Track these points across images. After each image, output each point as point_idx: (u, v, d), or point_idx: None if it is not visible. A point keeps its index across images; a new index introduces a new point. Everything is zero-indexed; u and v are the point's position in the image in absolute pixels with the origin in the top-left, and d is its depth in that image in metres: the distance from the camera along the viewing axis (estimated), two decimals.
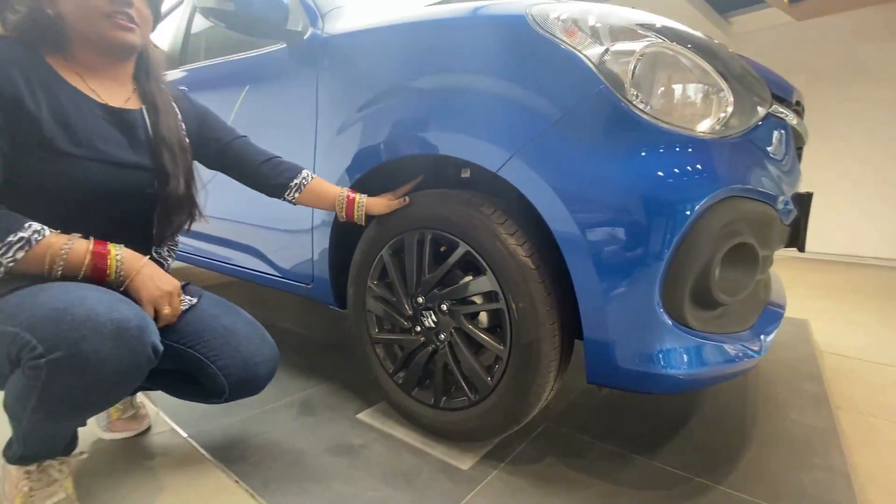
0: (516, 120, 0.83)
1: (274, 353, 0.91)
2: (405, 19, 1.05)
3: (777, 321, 0.99)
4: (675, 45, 0.79)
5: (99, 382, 0.59)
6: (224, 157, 0.97)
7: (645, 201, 0.73)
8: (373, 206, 1.00)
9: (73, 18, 0.71)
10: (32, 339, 0.56)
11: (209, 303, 0.90)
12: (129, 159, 0.76)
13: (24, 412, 0.60)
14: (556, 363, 0.86)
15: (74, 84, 0.74)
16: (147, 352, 0.63)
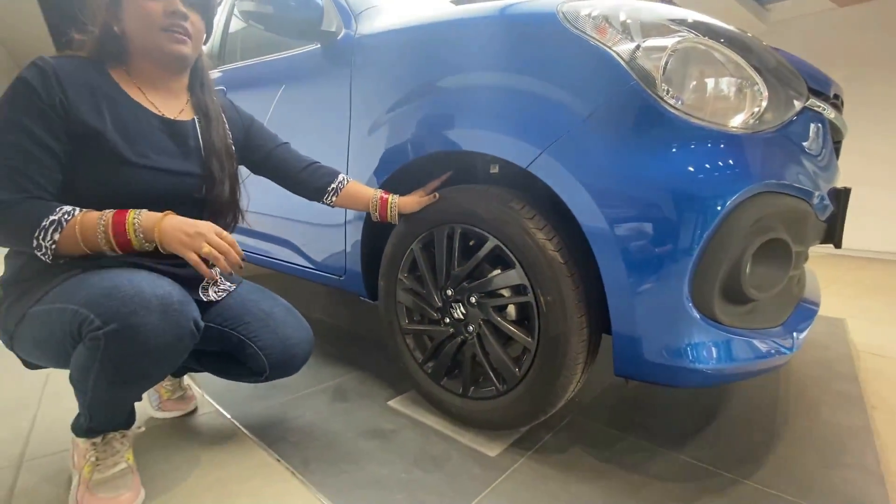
0: (547, 116, 0.84)
1: (309, 336, 0.96)
2: (436, 18, 1.07)
3: (810, 318, 0.98)
4: (708, 39, 0.79)
5: (149, 351, 0.65)
6: (267, 164, 1.02)
7: (676, 197, 0.74)
8: (404, 204, 1.04)
9: (134, 34, 0.77)
10: (90, 315, 0.62)
11: (248, 289, 0.97)
12: (180, 168, 0.82)
13: (88, 382, 0.67)
14: (583, 356, 0.88)
15: (135, 97, 0.80)
16: (189, 325, 0.69)
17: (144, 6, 0.75)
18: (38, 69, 0.70)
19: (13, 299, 0.72)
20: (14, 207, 0.66)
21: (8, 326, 0.72)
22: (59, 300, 0.66)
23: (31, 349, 0.72)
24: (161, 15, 0.75)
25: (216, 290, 0.90)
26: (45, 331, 0.68)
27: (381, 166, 1.14)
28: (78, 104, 0.71)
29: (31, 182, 0.68)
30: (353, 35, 1.23)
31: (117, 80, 0.79)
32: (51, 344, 0.68)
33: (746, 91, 0.79)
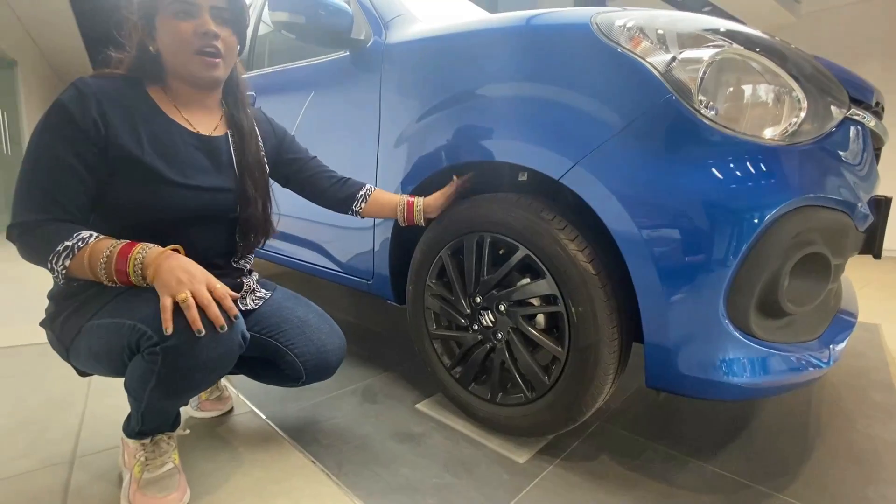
0: (580, 128, 0.84)
1: (342, 342, 0.99)
2: (467, 27, 1.08)
3: (848, 330, 0.96)
4: (745, 49, 0.78)
5: (202, 365, 0.68)
6: (296, 178, 1.05)
7: (713, 211, 0.73)
8: (430, 206, 1.06)
9: (167, 54, 0.79)
10: (148, 330, 0.66)
11: (282, 296, 1.00)
12: (214, 184, 0.84)
13: (145, 392, 0.70)
14: (614, 367, 0.88)
15: (171, 115, 0.82)
16: (238, 338, 0.72)
17: (176, 27, 0.76)
18: (77, 91, 0.72)
19: (67, 314, 0.75)
20: (36, 229, 0.69)
21: (65, 340, 0.76)
22: (116, 315, 0.70)
23: (88, 361, 0.75)
24: (192, 36, 0.76)
25: (253, 299, 0.93)
26: (102, 345, 0.71)
27: (411, 174, 1.16)
28: (116, 126, 0.74)
29: (57, 205, 0.70)
30: (383, 43, 1.24)
31: (154, 99, 0.81)
32: (108, 357, 0.72)
33: (785, 102, 0.78)
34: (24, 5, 5.17)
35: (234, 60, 0.88)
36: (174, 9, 0.75)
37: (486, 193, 1.05)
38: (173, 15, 0.76)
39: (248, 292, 0.93)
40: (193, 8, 0.76)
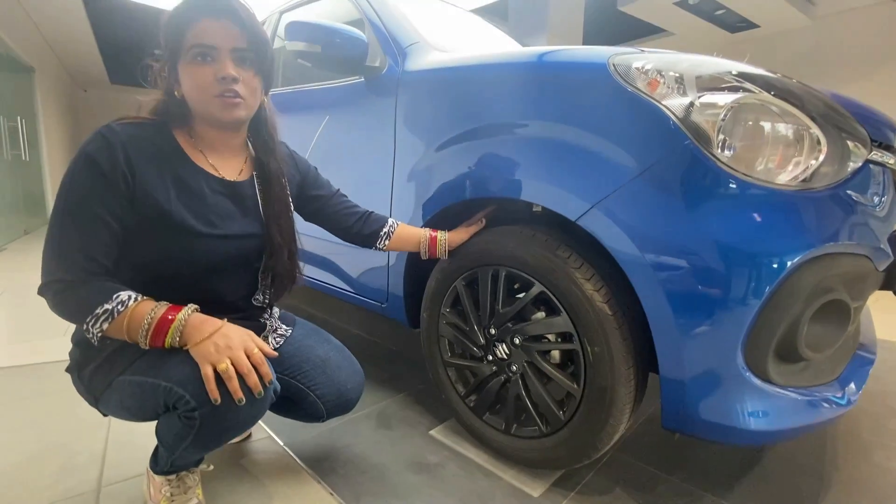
0: (598, 171, 0.85)
1: (361, 379, 1.01)
2: (484, 60, 1.08)
3: (867, 368, 0.96)
4: (765, 94, 0.78)
5: (236, 423, 0.71)
6: (319, 214, 1.06)
7: (731, 260, 0.73)
8: (454, 240, 1.07)
9: (190, 99, 0.78)
10: (186, 395, 0.67)
11: (302, 333, 1.01)
12: (240, 230, 0.83)
13: (179, 447, 0.72)
14: (630, 405, 0.89)
15: (197, 162, 0.81)
16: (270, 396, 0.73)
17: (196, 72, 0.75)
18: (105, 141, 0.71)
19: (96, 365, 0.76)
20: (73, 289, 0.68)
21: (94, 391, 0.77)
22: (150, 374, 0.71)
23: (118, 411, 0.77)
24: (213, 81, 0.75)
25: (275, 338, 0.94)
26: (135, 401, 0.73)
27: (426, 205, 1.17)
28: (143, 176, 0.73)
29: (91, 261, 0.70)
30: (399, 70, 1.25)
31: (181, 143, 0.80)
32: (141, 411, 0.74)
33: (806, 149, 0.77)
34: (42, 13, 5.26)
35: (258, 100, 0.85)
36: (194, 53, 0.74)
37: (501, 226, 1.06)
38: (194, 60, 0.75)
39: (271, 332, 0.94)
40: (214, 52, 0.75)
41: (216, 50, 0.75)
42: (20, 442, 1.14)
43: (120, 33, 6.04)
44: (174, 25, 0.75)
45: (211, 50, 0.75)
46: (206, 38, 0.74)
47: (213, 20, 0.75)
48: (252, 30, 0.78)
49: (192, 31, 0.74)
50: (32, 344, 1.81)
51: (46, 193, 5.94)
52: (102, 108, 9.85)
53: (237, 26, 0.76)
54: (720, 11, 4.94)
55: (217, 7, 0.75)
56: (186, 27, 0.74)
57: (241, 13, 0.76)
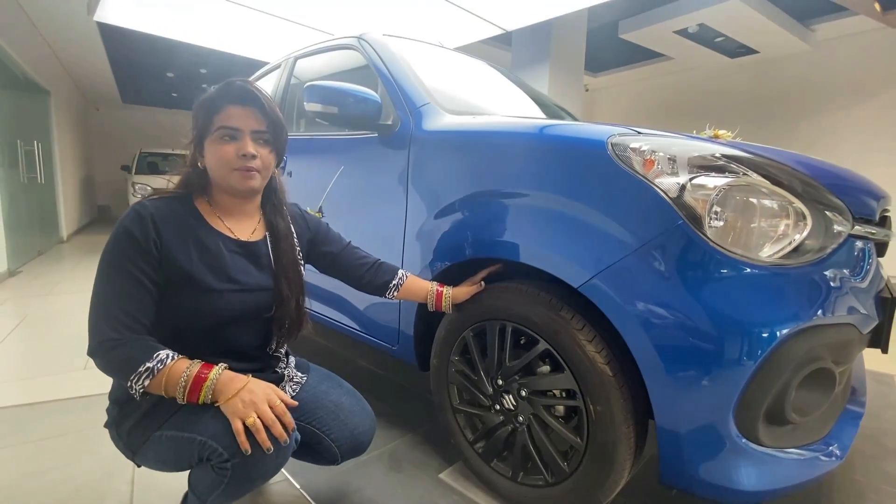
0: (599, 244, 0.91)
1: (373, 423, 1.08)
2: (491, 126, 1.16)
3: (856, 423, 1.01)
4: (755, 176, 0.84)
5: (264, 472, 0.78)
6: (332, 267, 1.14)
7: (724, 333, 0.79)
8: (458, 296, 1.14)
9: (213, 170, 0.90)
10: (219, 448, 0.74)
11: (317, 379, 1.08)
12: (254, 283, 0.93)
13: (211, 495, 0.79)
14: (630, 461, 0.94)
15: (215, 226, 0.92)
16: (293, 445, 0.81)
17: (221, 149, 0.87)
18: (138, 215, 0.82)
19: (134, 421, 0.84)
20: (119, 349, 0.76)
21: (132, 446, 0.84)
22: (185, 429, 0.78)
23: (155, 464, 0.84)
24: (234, 157, 0.87)
25: (291, 386, 1.01)
26: (171, 454, 0.80)
27: (435, 260, 1.23)
28: (170, 245, 0.83)
29: (133, 320, 0.78)
30: (411, 129, 1.33)
31: (201, 211, 0.91)
32: (176, 464, 0.81)
33: (791, 225, 0.84)
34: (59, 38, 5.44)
35: (271, 172, 0.97)
36: (221, 133, 0.87)
37: (509, 282, 1.12)
38: (220, 138, 0.87)
39: (288, 381, 1.01)
40: (237, 133, 0.87)
41: (239, 131, 0.88)
42: (48, 485, 1.19)
43: (133, 56, 6.23)
44: (206, 108, 0.88)
45: (235, 131, 0.88)
46: (232, 121, 0.87)
47: (239, 107, 0.88)
48: (271, 116, 0.90)
49: (220, 115, 0.87)
50: (53, 378, 1.87)
51: (60, 215, 6.07)
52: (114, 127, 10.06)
53: (259, 112, 0.89)
54: (719, 38, 5.05)
55: (243, 96, 0.88)
56: (216, 111, 0.87)
57: (262, 102, 0.89)
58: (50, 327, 2.57)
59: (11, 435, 1.43)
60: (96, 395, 1.68)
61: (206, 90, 0.89)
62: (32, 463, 1.29)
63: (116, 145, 9.86)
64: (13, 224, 3.98)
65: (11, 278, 3.76)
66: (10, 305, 2.97)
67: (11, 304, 3.01)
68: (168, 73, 7.34)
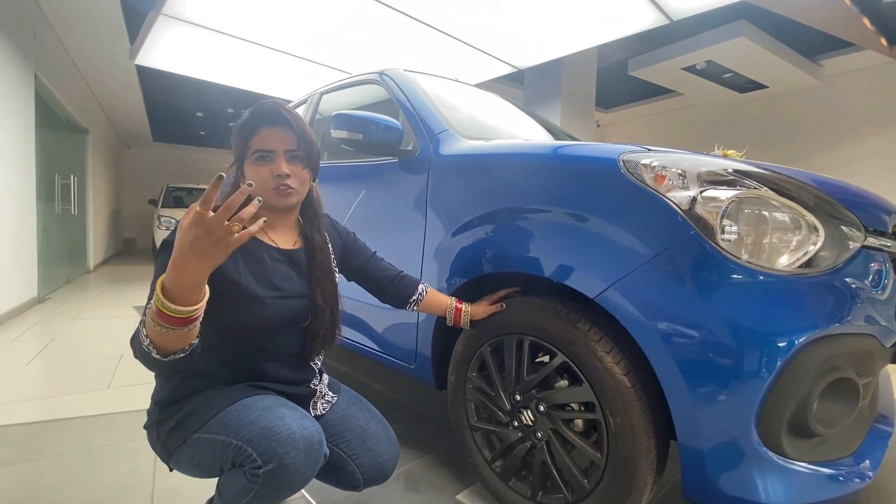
0: (613, 255, 0.94)
1: (397, 451, 1.07)
2: (507, 149, 1.22)
3: (884, 441, 0.98)
4: (765, 189, 0.87)
5: (293, 483, 0.78)
6: (358, 276, 1.19)
7: (740, 340, 0.80)
8: (476, 313, 1.17)
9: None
10: (253, 453, 0.76)
11: (346, 401, 1.09)
12: (296, 290, 0.97)
13: (239, 502, 0.79)
14: (652, 476, 0.93)
15: (260, 237, 0.97)
16: (321, 459, 0.82)
17: (258, 170, 0.93)
18: None
19: (173, 424, 0.86)
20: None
21: (169, 448, 0.87)
22: (222, 432, 0.80)
23: (189, 467, 0.86)
24: (270, 177, 0.93)
25: (323, 404, 1.03)
26: (206, 457, 0.82)
27: (452, 276, 1.27)
28: None
29: None
30: (429, 154, 1.40)
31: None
32: (210, 467, 0.83)
33: (803, 235, 0.86)
34: (99, 80, 5.84)
35: (307, 187, 1.02)
36: (257, 156, 0.93)
37: (526, 296, 1.14)
38: (256, 161, 0.93)
39: (320, 397, 1.03)
40: (271, 154, 0.93)
41: (273, 153, 0.94)
42: (72, 497, 1.21)
43: (166, 97, 6.63)
44: (242, 134, 0.95)
45: (269, 153, 0.93)
46: (265, 143, 0.93)
47: (271, 129, 0.94)
48: (301, 134, 0.96)
49: (255, 139, 0.93)
50: (77, 396, 1.91)
51: (88, 246, 6.30)
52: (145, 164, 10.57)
53: (290, 132, 0.95)
54: (728, 74, 5.18)
55: (274, 118, 0.94)
56: (251, 135, 0.94)
57: (292, 122, 0.95)
58: (75, 350, 2.64)
59: (34, 449, 1.46)
60: (118, 413, 1.71)
61: (240, 116, 0.96)
62: (53, 476, 1.31)
63: (144, 181, 10.33)
64: (46, 253, 4.16)
65: (40, 304, 3.89)
66: (39, 329, 3.07)
67: (40, 327, 3.11)
68: (198, 113, 7.77)
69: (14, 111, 3.40)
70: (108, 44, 4.61)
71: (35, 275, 3.86)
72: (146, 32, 3.64)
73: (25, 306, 3.60)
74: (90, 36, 4.49)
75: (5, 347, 2.64)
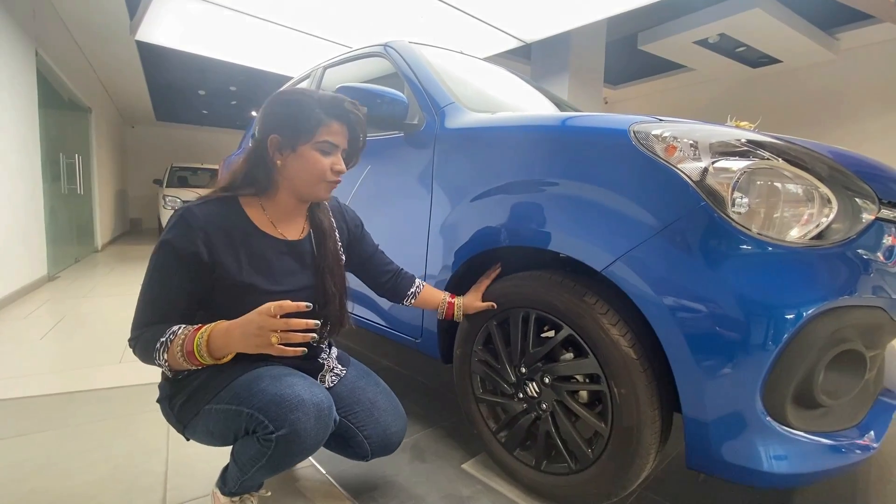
0: (622, 227, 0.93)
1: (404, 423, 1.10)
2: (515, 121, 1.20)
3: (889, 414, 0.99)
4: (777, 160, 0.86)
5: (305, 447, 0.80)
6: (361, 267, 1.19)
7: (748, 311, 0.80)
8: (468, 307, 1.19)
9: (294, 175, 0.91)
10: (265, 420, 0.78)
11: (355, 374, 1.11)
12: (302, 283, 0.96)
13: (253, 468, 0.82)
14: (655, 446, 0.94)
15: (264, 229, 0.94)
16: (331, 424, 0.84)
17: (318, 160, 0.90)
18: (186, 227, 0.84)
19: (185, 397, 0.88)
20: (144, 335, 0.82)
21: (183, 419, 0.89)
22: (234, 402, 0.82)
23: (204, 436, 0.88)
24: (328, 170, 0.92)
25: (331, 377, 1.05)
26: (220, 426, 0.84)
27: (459, 252, 1.26)
28: (219, 249, 0.86)
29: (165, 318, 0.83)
30: (435, 128, 1.38)
31: (248, 214, 0.93)
32: (224, 435, 0.85)
33: (816, 207, 0.84)
34: (101, 59, 5.77)
35: None
36: (321, 146, 0.91)
37: (532, 271, 1.14)
38: (318, 149, 0.91)
39: (328, 371, 1.04)
40: (335, 149, 0.93)
41: (337, 148, 0.94)
42: (88, 464, 1.25)
43: (167, 75, 6.56)
44: (309, 118, 0.89)
45: (333, 148, 0.93)
46: (333, 136, 0.92)
47: (342, 125, 0.94)
48: (358, 136, 0.98)
49: (325, 128, 0.91)
50: (91, 370, 1.96)
51: (95, 224, 6.35)
52: (149, 144, 10.54)
53: (352, 132, 0.96)
54: (741, 48, 5.04)
55: (348, 117, 0.94)
56: (320, 123, 0.90)
57: (357, 123, 0.96)
58: (86, 326, 2.68)
59: (52, 420, 1.50)
60: (132, 386, 1.75)
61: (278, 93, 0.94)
62: (72, 444, 1.35)
63: (149, 161, 10.31)
64: (54, 232, 4.19)
65: (51, 282, 3.94)
66: (50, 306, 3.12)
67: (51, 304, 3.16)
68: (200, 91, 7.69)
69: (16, 88, 3.38)
70: (108, 19, 4.53)
71: (44, 253, 3.90)
72: (146, 7, 3.58)
73: (36, 284, 3.65)
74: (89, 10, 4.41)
75: (19, 323, 2.69)
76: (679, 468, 1.28)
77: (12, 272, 3.23)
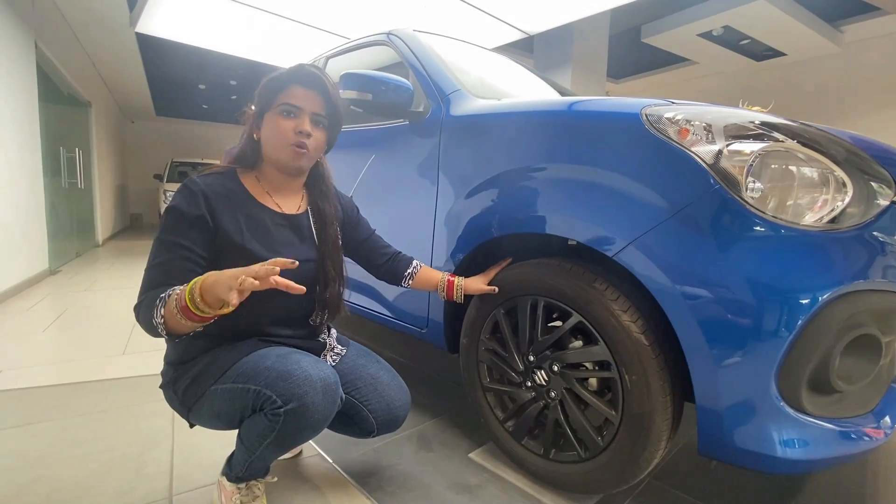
0: (634, 211, 0.92)
1: (408, 398, 1.09)
2: (524, 107, 1.18)
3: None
4: (791, 142, 0.84)
5: (313, 421, 0.80)
6: (357, 251, 1.19)
7: (763, 296, 0.79)
8: (469, 287, 1.17)
9: (267, 143, 0.94)
10: (273, 395, 0.78)
11: (356, 353, 1.10)
12: (300, 255, 0.95)
13: (261, 445, 0.82)
14: (667, 433, 0.93)
15: (262, 200, 0.96)
16: (338, 400, 0.84)
17: (280, 123, 0.92)
18: (189, 192, 0.86)
19: (189, 381, 0.87)
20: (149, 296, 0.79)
21: (187, 403, 0.88)
22: (240, 381, 0.82)
23: (209, 419, 0.87)
24: (291, 132, 0.91)
25: (332, 356, 1.04)
26: (226, 406, 0.83)
27: (467, 240, 1.25)
28: (221, 216, 0.88)
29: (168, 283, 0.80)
30: (441, 115, 1.37)
31: (247, 187, 0.95)
32: (230, 415, 0.84)
33: (831, 191, 0.83)
34: (100, 53, 5.74)
35: (320, 155, 1.03)
36: (282, 108, 0.92)
37: (540, 258, 1.13)
38: (280, 113, 0.92)
39: (329, 350, 1.04)
40: (297, 111, 0.92)
41: (299, 109, 0.93)
42: (93, 453, 1.24)
43: (167, 69, 6.52)
44: (270, 86, 0.93)
45: (295, 109, 0.92)
46: (294, 99, 0.92)
47: (303, 88, 0.93)
48: (331, 102, 0.96)
49: (284, 92, 0.92)
50: (94, 361, 1.95)
51: (96, 220, 6.33)
52: (149, 139, 10.50)
53: (321, 96, 0.94)
54: (745, 41, 5.01)
55: (309, 79, 0.93)
56: (280, 88, 0.92)
57: (327, 87, 0.94)
58: (89, 318, 2.68)
59: (56, 410, 1.49)
60: (136, 377, 1.74)
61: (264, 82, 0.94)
62: (76, 433, 1.34)
63: (149, 156, 10.29)
64: (55, 227, 4.18)
65: (52, 276, 3.93)
66: (52, 299, 3.11)
67: (53, 298, 3.15)
68: (200, 85, 7.65)
69: (17, 81, 3.36)
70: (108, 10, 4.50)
71: (45, 247, 3.89)
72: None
73: (38, 278, 3.64)
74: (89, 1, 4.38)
75: (21, 315, 2.68)
76: (687, 458, 1.27)
77: (14, 266, 3.22)
